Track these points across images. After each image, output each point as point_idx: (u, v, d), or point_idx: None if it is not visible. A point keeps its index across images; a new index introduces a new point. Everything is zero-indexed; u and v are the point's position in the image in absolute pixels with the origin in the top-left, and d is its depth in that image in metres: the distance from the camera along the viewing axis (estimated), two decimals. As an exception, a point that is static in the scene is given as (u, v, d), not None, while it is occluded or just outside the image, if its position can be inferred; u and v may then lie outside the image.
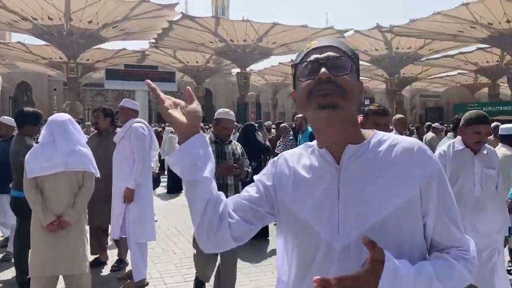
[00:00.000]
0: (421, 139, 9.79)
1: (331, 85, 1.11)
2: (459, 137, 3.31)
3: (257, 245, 6.06)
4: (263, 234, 6.49)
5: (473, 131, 3.15)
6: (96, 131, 5.66)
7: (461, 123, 3.28)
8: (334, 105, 1.11)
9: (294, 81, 1.23)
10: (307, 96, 1.15)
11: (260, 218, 1.29)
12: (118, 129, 5.18)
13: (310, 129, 7.77)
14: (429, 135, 10.02)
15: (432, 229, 1.14)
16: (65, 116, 3.70)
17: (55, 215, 3.44)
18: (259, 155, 6.14)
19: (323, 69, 1.12)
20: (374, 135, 1.20)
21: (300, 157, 1.27)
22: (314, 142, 1.28)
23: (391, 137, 1.20)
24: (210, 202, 1.20)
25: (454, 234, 1.15)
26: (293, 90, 1.25)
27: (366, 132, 1.22)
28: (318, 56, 1.15)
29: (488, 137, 5.54)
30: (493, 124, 7.65)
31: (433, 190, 1.12)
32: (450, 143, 3.34)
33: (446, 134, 8.65)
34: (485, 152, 3.24)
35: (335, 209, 1.14)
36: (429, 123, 13.01)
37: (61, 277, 3.66)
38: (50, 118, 3.67)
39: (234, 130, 13.89)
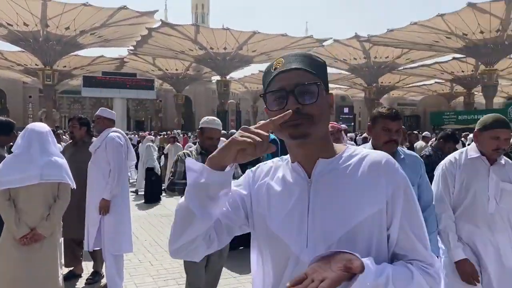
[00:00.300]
0: (412, 146, 9.81)
1: (300, 115, 1.12)
2: (473, 144, 2.86)
3: (235, 256, 5.99)
4: (242, 244, 6.43)
5: (491, 136, 2.71)
6: (71, 140, 5.54)
7: (476, 127, 2.83)
8: (304, 135, 1.13)
9: (266, 104, 1.23)
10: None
11: (230, 234, 1.28)
12: (94, 139, 5.08)
13: (271, 136, 7.64)
14: (420, 143, 10.06)
15: (396, 242, 1.15)
16: (45, 127, 3.58)
17: (29, 227, 3.33)
18: (246, 166, 6.07)
19: (291, 100, 1.13)
20: (345, 150, 1.23)
21: (276, 170, 1.28)
22: (287, 155, 1.29)
23: (362, 151, 1.22)
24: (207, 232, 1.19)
25: (418, 249, 1.15)
26: (265, 108, 1.25)
27: (338, 147, 1.24)
28: (285, 84, 1.15)
29: None
30: None
31: (398, 203, 1.13)
32: (463, 150, 2.92)
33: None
34: (502, 162, 2.81)
35: (305, 223, 1.15)
36: (415, 132, 13.09)
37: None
38: (29, 127, 3.52)
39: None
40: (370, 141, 2.82)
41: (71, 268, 5.28)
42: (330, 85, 1.35)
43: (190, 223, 1.13)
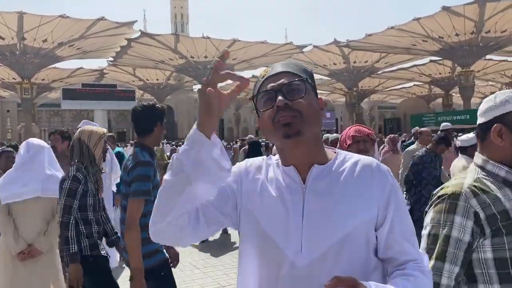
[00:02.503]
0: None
1: (289, 111, 1.14)
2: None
3: (218, 242, 5.92)
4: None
5: None
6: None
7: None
8: (298, 133, 1.14)
9: (257, 112, 1.24)
10: (271, 124, 1.17)
11: (216, 226, 1.25)
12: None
13: (118, 149, 7.21)
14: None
15: (384, 243, 1.16)
16: (45, 143, 3.65)
17: (27, 243, 3.30)
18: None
19: (279, 97, 1.15)
20: (337, 155, 1.25)
21: (266, 169, 1.27)
22: (275, 157, 1.29)
23: (353, 156, 1.24)
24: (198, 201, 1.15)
25: (408, 250, 1.16)
26: (257, 119, 1.26)
27: (328, 152, 1.26)
28: (273, 84, 1.18)
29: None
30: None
31: (390, 208, 1.16)
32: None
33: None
34: None
35: (299, 228, 1.15)
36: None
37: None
38: (31, 141, 3.57)
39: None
40: None
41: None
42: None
43: (180, 191, 1.09)
